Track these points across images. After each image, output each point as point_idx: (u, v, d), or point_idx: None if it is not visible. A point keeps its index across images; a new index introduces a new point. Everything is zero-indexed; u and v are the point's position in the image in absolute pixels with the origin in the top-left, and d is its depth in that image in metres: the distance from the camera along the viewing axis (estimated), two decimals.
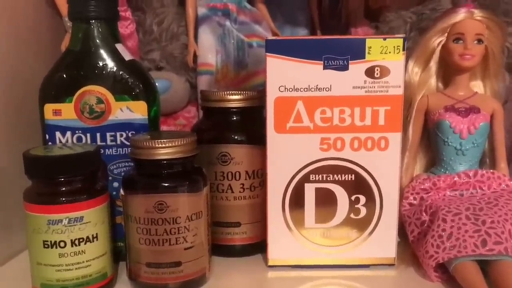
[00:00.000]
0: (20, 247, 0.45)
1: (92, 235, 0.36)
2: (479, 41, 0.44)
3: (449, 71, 0.47)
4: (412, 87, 0.47)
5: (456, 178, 0.44)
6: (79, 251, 0.35)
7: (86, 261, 0.36)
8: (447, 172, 0.45)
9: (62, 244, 0.35)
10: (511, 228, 0.38)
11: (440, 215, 0.40)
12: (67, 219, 0.35)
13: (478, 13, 0.44)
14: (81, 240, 0.35)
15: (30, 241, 0.36)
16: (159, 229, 0.36)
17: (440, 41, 0.46)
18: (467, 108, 0.45)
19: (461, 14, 0.45)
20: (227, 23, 0.55)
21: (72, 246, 0.35)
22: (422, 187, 0.44)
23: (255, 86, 0.55)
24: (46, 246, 0.35)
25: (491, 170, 0.44)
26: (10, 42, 0.45)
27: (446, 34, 0.46)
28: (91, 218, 0.36)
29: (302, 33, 0.61)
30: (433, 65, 0.47)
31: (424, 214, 0.42)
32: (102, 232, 0.37)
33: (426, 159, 0.49)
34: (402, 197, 0.45)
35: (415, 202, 0.45)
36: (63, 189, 0.35)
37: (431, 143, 0.48)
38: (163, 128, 0.56)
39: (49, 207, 0.35)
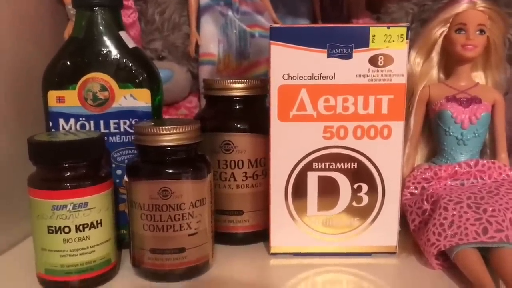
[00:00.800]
0: (24, 234, 0.45)
1: (96, 221, 0.36)
2: (481, 31, 0.45)
3: (451, 62, 0.47)
4: (414, 77, 0.47)
5: (457, 168, 0.44)
6: (83, 237, 0.36)
7: (90, 247, 0.36)
8: (448, 161, 0.45)
9: (66, 229, 0.35)
10: (511, 216, 0.39)
11: (441, 203, 0.40)
12: (72, 205, 0.35)
13: (480, 4, 0.45)
14: (85, 225, 0.36)
15: (35, 227, 0.36)
16: (163, 215, 0.36)
17: (442, 32, 0.46)
18: (468, 98, 0.45)
19: (463, 5, 0.45)
20: (229, 13, 0.55)
21: (76, 231, 0.35)
22: (423, 176, 0.45)
23: (257, 76, 0.55)
24: (50, 231, 0.35)
25: (492, 160, 0.45)
26: (13, 30, 0.45)
27: (448, 25, 0.46)
28: (95, 204, 0.36)
29: (303, 24, 0.60)
30: (435, 55, 0.48)
31: (425, 203, 0.43)
32: (106, 218, 0.37)
33: (428, 149, 0.50)
34: (403, 186, 0.45)
35: (416, 191, 0.45)
36: (68, 174, 0.35)
37: (432, 133, 0.48)
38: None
39: (54, 193, 0.35)
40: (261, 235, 0.44)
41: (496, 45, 0.46)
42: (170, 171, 0.36)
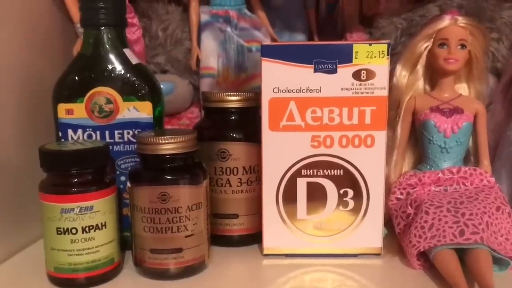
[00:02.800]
0: (35, 236, 0.48)
1: (101, 223, 0.39)
2: (463, 46, 0.47)
3: (435, 74, 0.49)
4: (401, 89, 0.50)
5: (440, 175, 0.47)
6: (89, 238, 0.39)
7: (96, 247, 0.39)
8: (432, 168, 0.48)
9: (73, 230, 0.38)
10: (488, 220, 0.41)
11: (423, 208, 0.43)
12: (79, 208, 0.38)
13: (461, 20, 0.47)
14: (91, 227, 0.39)
15: (45, 228, 0.39)
16: (162, 218, 0.39)
17: (427, 46, 0.49)
18: (451, 109, 0.48)
19: (446, 21, 0.48)
20: (228, 29, 0.58)
21: (83, 232, 0.38)
22: (408, 182, 0.47)
23: (254, 88, 0.57)
24: (59, 232, 0.38)
25: (473, 167, 0.47)
26: (26, 47, 0.49)
27: (432, 40, 0.48)
28: (100, 207, 0.39)
29: (300, 38, 0.64)
30: (420, 68, 0.50)
31: (409, 207, 0.45)
32: (110, 221, 0.40)
33: (415, 157, 0.52)
34: (390, 192, 0.48)
35: (401, 196, 0.48)
36: (75, 180, 0.38)
37: (418, 141, 0.50)
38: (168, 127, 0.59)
39: (62, 197, 0.38)
40: (255, 237, 0.47)
41: (478, 59, 0.49)
42: (169, 177, 0.40)
